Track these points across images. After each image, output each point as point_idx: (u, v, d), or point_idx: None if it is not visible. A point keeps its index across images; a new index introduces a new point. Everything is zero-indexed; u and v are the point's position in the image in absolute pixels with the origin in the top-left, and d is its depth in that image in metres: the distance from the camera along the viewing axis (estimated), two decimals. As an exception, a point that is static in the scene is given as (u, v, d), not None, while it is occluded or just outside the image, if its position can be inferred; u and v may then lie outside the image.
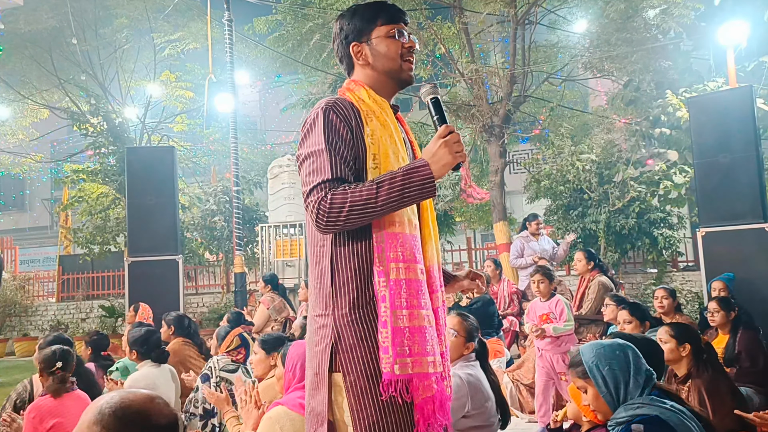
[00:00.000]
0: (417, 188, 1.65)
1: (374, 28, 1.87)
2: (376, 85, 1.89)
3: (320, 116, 1.75)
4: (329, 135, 1.72)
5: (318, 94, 13.45)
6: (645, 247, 10.01)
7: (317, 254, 1.79)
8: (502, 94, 10.66)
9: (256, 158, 17.31)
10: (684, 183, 9.61)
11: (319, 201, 1.66)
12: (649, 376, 2.23)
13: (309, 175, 1.72)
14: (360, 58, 1.89)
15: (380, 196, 1.63)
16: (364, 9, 1.90)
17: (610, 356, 2.25)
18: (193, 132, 16.71)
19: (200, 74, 15.25)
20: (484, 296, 6.53)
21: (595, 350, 2.29)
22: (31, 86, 15.36)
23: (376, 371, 1.66)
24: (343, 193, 1.65)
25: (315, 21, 12.11)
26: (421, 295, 1.74)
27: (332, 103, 1.78)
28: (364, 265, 1.72)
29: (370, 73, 1.89)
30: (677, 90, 10.10)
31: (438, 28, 11.68)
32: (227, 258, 12.95)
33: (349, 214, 1.64)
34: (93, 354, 4.93)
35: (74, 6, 14.47)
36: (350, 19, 1.90)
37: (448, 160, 1.68)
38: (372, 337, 1.68)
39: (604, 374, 2.23)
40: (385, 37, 1.87)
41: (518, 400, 4.91)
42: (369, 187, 1.65)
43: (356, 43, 1.89)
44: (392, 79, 1.90)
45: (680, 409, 2.14)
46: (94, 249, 13.11)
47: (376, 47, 1.87)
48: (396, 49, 1.87)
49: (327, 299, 1.74)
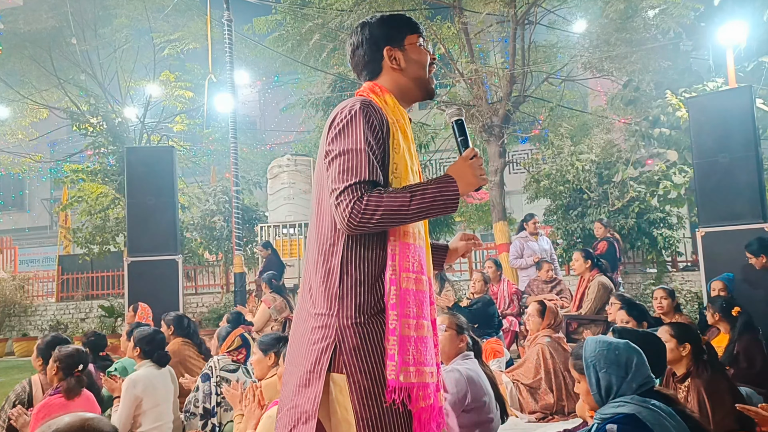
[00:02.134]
0: (443, 203, 1.71)
1: (406, 36, 1.93)
2: (402, 91, 1.92)
3: (359, 115, 1.74)
4: (367, 135, 1.73)
5: (318, 93, 13.46)
6: (644, 247, 10.02)
7: (325, 252, 1.78)
8: (501, 94, 10.66)
9: (255, 158, 17.32)
10: (683, 183, 9.62)
11: (354, 201, 1.67)
12: (646, 382, 2.22)
13: (343, 173, 1.71)
14: (393, 62, 1.91)
15: (413, 204, 1.68)
16: (392, 18, 1.96)
17: (611, 360, 2.22)
18: (192, 132, 16.71)
19: (200, 74, 15.26)
20: (484, 297, 6.54)
21: (598, 348, 2.26)
22: (30, 86, 15.36)
23: (381, 374, 1.69)
24: (378, 197, 1.67)
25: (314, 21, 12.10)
26: (425, 306, 1.78)
27: (368, 104, 1.78)
28: (374, 270, 1.74)
29: (399, 78, 1.92)
30: (677, 90, 10.10)
31: (438, 28, 11.69)
32: (227, 258, 12.95)
33: (381, 217, 1.67)
34: (91, 354, 4.92)
35: (74, 6, 14.48)
36: (380, 25, 1.94)
37: (473, 181, 1.76)
38: (376, 341, 1.70)
39: (599, 376, 2.23)
40: (417, 46, 1.93)
41: (518, 400, 4.91)
42: (403, 195, 1.68)
43: (390, 47, 1.91)
44: (418, 88, 1.94)
45: (662, 408, 2.14)
46: (94, 249, 13.10)
47: (409, 53, 1.92)
48: (426, 58, 1.93)
49: (332, 300, 1.74)
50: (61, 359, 3.38)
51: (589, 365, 2.25)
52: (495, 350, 5.76)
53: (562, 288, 7.49)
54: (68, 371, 3.34)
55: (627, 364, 2.21)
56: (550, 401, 4.81)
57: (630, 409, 2.12)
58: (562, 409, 4.78)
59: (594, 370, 2.24)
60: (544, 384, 4.85)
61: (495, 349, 5.78)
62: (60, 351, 3.44)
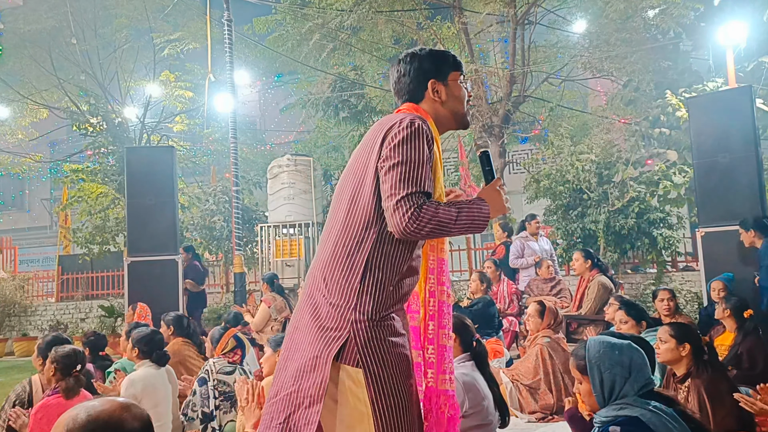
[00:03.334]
0: (478, 223, 1.86)
1: (450, 72, 2.09)
2: (438, 120, 2.06)
3: (421, 131, 1.86)
4: (426, 151, 1.86)
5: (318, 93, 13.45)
6: (644, 247, 10.01)
7: (350, 246, 1.85)
8: (501, 94, 10.67)
9: (255, 158, 17.30)
10: (683, 183, 9.61)
11: (413, 209, 1.77)
12: (647, 383, 2.22)
13: (403, 181, 1.81)
14: (434, 95, 2.06)
15: (459, 221, 1.82)
16: (440, 53, 2.12)
17: (615, 360, 2.22)
18: (192, 132, 16.70)
19: (200, 74, 15.25)
20: (484, 297, 6.53)
21: (601, 349, 2.26)
22: (30, 86, 15.34)
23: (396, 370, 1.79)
24: (435, 209, 1.79)
25: (314, 21, 12.11)
26: (449, 317, 1.99)
27: (425, 122, 1.92)
28: (395, 275, 1.86)
29: (439, 108, 2.07)
30: (677, 90, 10.10)
31: (437, 28, 11.70)
32: (227, 258, 12.94)
33: (432, 227, 1.79)
34: (90, 354, 4.92)
35: (74, 6, 14.48)
36: (428, 58, 2.08)
37: (501, 207, 1.94)
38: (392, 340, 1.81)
39: (603, 377, 2.22)
40: (458, 83, 2.09)
41: (518, 400, 4.90)
42: (450, 210, 1.82)
43: (435, 81, 2.06)
44: (455, 120, 2.11)
45: (663, 410, 2.14)
46: (94, 249, 13.09)
47: (451, 89, 2.07)
48: (465, 96, 2.10)
49: (351, 293, 1.81)
50: (58, 360, 3.35)
51: (593, 366, 2.25)
52: (495, 350, 5.76)
53: (562, 288, 7.48)
54: (66, 372, 3.32)
55: (630, 364, 2.21)
56: (550, 401, 4.81)
57: (632, 411, 2.12)
58: (562, 409, 4.77)
59: (598, 371, 2.23)
60: (544, 384, 4.85)
61: (495, 349, 5.78)
62: (57, 352, 3.40)
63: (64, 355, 3.36)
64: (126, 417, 1.26)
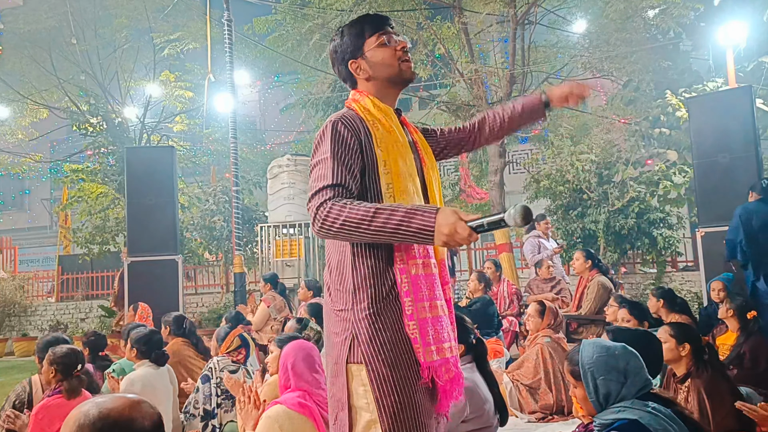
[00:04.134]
0: (413, 232, 1.66)
1: (364, 42, 1.96)
2: (380, 93, 1.98)
3: (329, 128, 1.86)
4: (334, 145, 1.83)
5: (318, 93, 13.45)
6: (644, 247, 10.01)
7: (339, 251, 1.88)
8: (501, 94, 10.65)
9: (255, 158, 17.29)
10: (683, 183, 9.61)
11: (317, 206, 1.76)
12: (645, 386, 2.20)
13: (314, 181, 1.83)
14: (360, 72, 1.98)
15: (374, 222, 1.68)
16: (350, 26, 2.00)
17: (610, 366, 2.19)
18: (192, 132, 16.69)
19: (200, 74, 15.23)
20: (483, 297, 6.53)
21: (595, 355, 2.22)
22: (30, 86, 15.34)
23: (396, 360, 1.78)
24: (341, 206, 1.72)
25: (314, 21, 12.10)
26: (436, 288, 1.87)
27: (341, 116, 1.89)
28: (380, 263, 1.82)
29: (372, 83, 1.98)
30: (677, 90, 10.10)
31: (437, 28, 11.68)
32: (227, 258, 12.94)
33: (341, 227, 1.72)
34: (90, 354, 4.92)
35: (73, 6, 14.47)
36: (341, 40, 1.99)
37: (446, 234, 1.61)
38: (390, 329, 1.80)
39: (597, 384, 2.19)
40: (377, 47, 1.95)
41: (518, 400, 4.90)
42: (366, 210, 1.69)
43: (353, 60, 1.98)
44: (394, 84, 1.99)
45: (662, 411, 2.13)
46: (94, 249, 13.09)
47: (371, 59, 1.95)
48: (390, 54, 1.95)
49: (348, 296, 1.84)
50: (57, 362, 3.31)
51: (586, 372, 2.21)
52: (495, 350, 5.76)
53: (562, 288, 7.48)
54: (67, 372, 3.29)
55: (626, 369, 2.18)
56: (550, 401, 4.81)
57: (631, 414, 2.11)
58: (562, 409, 4.78)
59: (592, 377, 2.20)
60: (544, 384, 4.85)
61: (495, 349, 5.78)
62: (54, 353, 3.35)
63: (63, 355, 3.33)
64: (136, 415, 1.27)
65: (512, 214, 1.55)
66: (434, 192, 2.00)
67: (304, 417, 2.72)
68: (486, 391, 3.11)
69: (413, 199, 1.86)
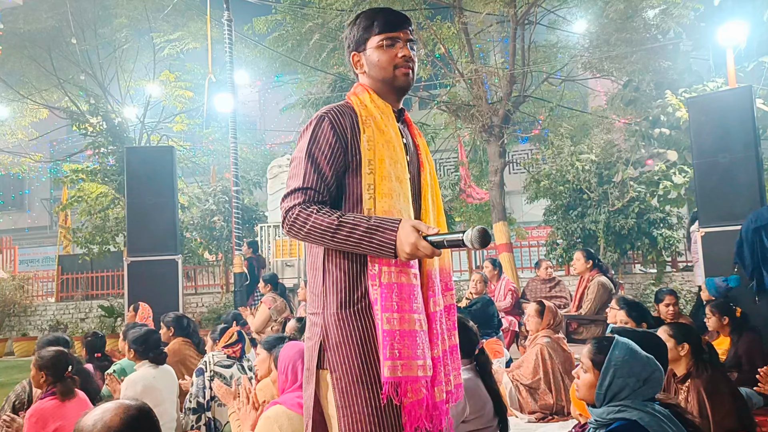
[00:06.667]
0: (375, 248, 1.65)
1: (370, 38, 1.89)
2: (377, 89, 1.92)
3: (312, 124, 1.82)
4: (312, 144, 1.78)
5: (318, 93, 13.45)
6: (644, 247, 10.01)
7: (313, 254, 1.84)
8: (501, 94, 10.66)
9: (255, 158, 17.29)
10: (683, 183, 9.60)
11: (287, 209, 1.75)
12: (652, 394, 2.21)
13: (288, 179, 1.81)
14: (358, 66, 1.94)
15: (338, 233, 1.67)
16: (364, 17, 1.93)
17: (634, 371, 2.19)
18: (192, 132, 16.70)
19: (200, 74, 15.25)
20: (483, 297, 6.54)
21: (627, 356, 2.22)
22: (30, 86, 15.35)
23: (362, 369, 1.69)
24: (308, 215, 1.70)
25: (314, 21, 12.11)
26: (413, 300, 1.74)
27: (329, 110, 1.83)
28: (353, 266, 1.75)
29: (370, 80, 1.92)
30: (677, 90, 10.08)
31: (437, 28, 11.68)
32: (226, 258, 12.94)
33: (308, 233, 1.71)
34: (89, 355, 4.93)
35: (73, 6, 14.48)
36: (351, 29, 1.95)
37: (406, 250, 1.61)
38: (358, 337, 1.72)
39: (614, 381, 2.20)
40: (377, 48, 1.88)
41: (518, 400, 4.90)
42: (331, 220, 1.67)
43: (355, 53, 1.93)
44: (387, 87, 1.91)
45: (661, 412, 2.13)
46: (94, 249, 13.08)
47: (369, 57, 1.90)
48: (387, 58, 1.87)
49: (319, 298, 1.79)
50: (46, 366, 3.26)
51: (609, 367, 2.21)
52: (495, 350, 5.75)
53: (562, 288, 7.48)
54: (57, 375, 3.25)
55: (646, 379, 2.18)
56: (550, 401, 4.80)
57: (630, 414, 2.11)
58: (562, 409, 4.78)
59: (612, 374, 2.20)
60: (544, 384, 4.85)
61: (495, 349, 5.77)
62: (42, 358, 3.29)
63: (50, 359, 3.28)
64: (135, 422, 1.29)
65: (470, 236, 1.53)
66: (427, 198, 1.92)
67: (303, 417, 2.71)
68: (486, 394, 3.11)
69: (397, 203, 1.76)
